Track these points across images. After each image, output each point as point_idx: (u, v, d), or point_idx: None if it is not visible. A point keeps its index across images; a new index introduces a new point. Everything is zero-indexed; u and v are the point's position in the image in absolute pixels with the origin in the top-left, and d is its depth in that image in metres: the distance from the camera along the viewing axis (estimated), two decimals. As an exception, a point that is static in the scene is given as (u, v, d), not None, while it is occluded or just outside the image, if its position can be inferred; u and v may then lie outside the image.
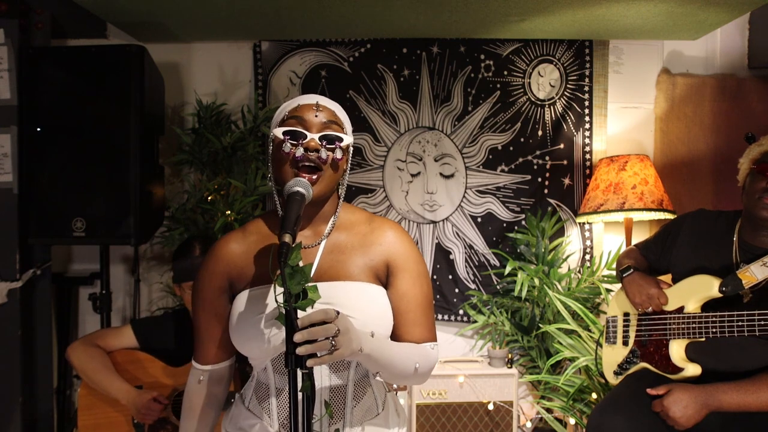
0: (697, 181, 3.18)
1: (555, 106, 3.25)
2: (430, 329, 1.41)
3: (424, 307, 1.40)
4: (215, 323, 1.40)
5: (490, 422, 2.89)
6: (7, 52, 2.60)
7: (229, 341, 1.39)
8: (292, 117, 1.33)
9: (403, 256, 1.39)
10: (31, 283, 2.73)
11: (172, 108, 3.26)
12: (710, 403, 1.70)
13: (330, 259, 1.36)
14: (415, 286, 1.39)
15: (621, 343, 2.09)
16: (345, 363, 1.35)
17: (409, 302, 1.38)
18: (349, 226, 1.41)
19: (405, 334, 1.38)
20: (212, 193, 2.93)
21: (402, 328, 1.38)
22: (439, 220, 3.28)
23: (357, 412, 1.38)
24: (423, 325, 1.40)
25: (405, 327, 1.38)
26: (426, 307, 1.41)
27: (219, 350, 1.43)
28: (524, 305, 3.12)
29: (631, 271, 2.05)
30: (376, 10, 2.79)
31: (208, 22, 2.97)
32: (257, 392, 1.42)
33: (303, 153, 1.29)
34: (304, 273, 1.23)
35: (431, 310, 1.43)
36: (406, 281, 1.38)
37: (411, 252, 1.41)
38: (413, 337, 1.38)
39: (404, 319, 1.38)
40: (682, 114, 3.22)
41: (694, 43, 3.27)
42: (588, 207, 2.96)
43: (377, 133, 3.28)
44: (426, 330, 1.40)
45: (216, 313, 1.40)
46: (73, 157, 2.56)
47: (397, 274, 1.38)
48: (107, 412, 2.24)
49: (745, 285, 1.75)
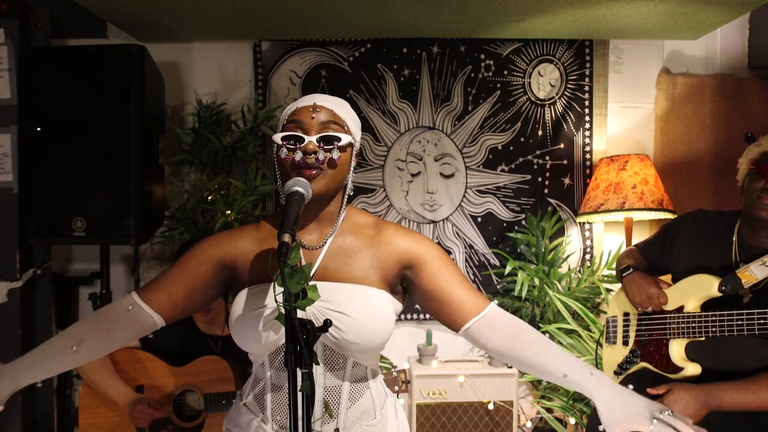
0: (697, 181, 3.18)
1: (555, 105, 3.25)
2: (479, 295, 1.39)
3: (461, 278, 1.39)
4: (183, 283, 1.37)
5: (490, 422, 2.89)
6: (7, 52, 2.60)
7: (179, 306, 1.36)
8: (291, 121, 1.33)
9: (418, 247, 1.38)
10: (31, 283, 2.73)
11: (172, 108, 3.26)
12: (710, 403, 1.70)
13: (335, 261, 1.35)
14: (442, 265, 1.38)
15: (621, 342, 2.09)
16: (340, 363, 1.35)
17: (444, 278, 1.36)
18: (356, 230, 1.40)
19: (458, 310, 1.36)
20: (212, 192, 2.93)
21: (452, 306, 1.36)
22: (439, 219, 3.28)
23: (352, 414, 1.37)
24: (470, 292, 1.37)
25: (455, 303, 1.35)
26: (463, 277, 1.40)
27: (166, 303, 1.36)
28: (524, 305, 3.12)
29: (630, 271, 2.04)
30: (376, 10, 2.79)
31: (208, 22, 2.97)
32: (254, 388, 1.41)
33: (302, 157, 1.29)
34: (303, 273, 1.23)
35: (468, 281, 1.41)
36: (433, 264, 1.37)
37: (423, 241, 1.40)
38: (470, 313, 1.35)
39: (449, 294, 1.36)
40: (682, 114, 3.22)
41: (694, 43, 3.27)
42: (588, 207, 2.96)
43: (377, 133, 3.28)
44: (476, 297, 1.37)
45: (193, 278, 1.37)
46: (73, 157, 2.56)
47: (421, 265, 1.37)
48: (108, 411, 2.24)
49: (745, 284, 1.75)
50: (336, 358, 1.35)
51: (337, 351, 1.33)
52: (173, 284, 1.38)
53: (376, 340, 1.33)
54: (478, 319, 1.35)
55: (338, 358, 1.35)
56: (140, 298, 1.37)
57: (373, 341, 1.32)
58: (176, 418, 2.25)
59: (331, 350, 1.34)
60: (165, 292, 1.38)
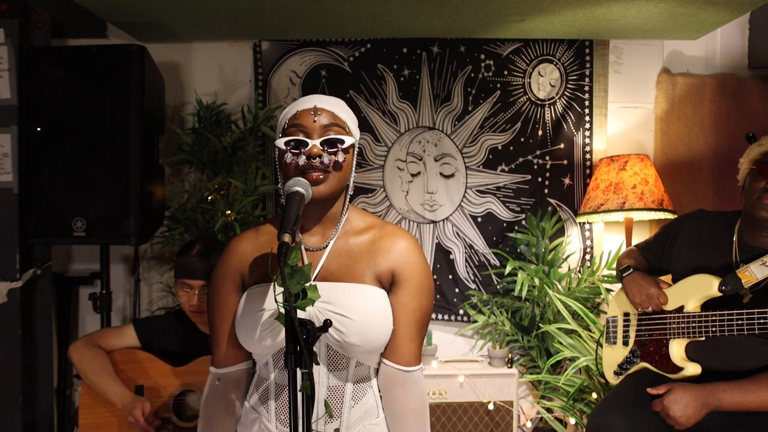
0: (697, 181, 3.18)
1: (555, 105, 3.25)
2: (419, 351, 1.39)
3: (420, 324, 1.38)
4: (231, 320, 1.39)
5: (490, 422, 2.89)
6: (7, 52, 2.60)
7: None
8: (292, 125, 1.33)
9: (410, 266, 1.37)
10: (31, 283, 2.73)
11: (172, 108, 3.26)
12: (710, 403, 1.70)
13: (337, 263, 1.36)
14: (416, 299, 1.36)
15: (621, 342, 2.09)
16: (343, 363, 1.35)
17: (406, 315, 1.36)
18: (359, 231, 1.40)
19: (393, 347, 1.36)
20: (212, 193, 2.93)
21: (393, 341, 1.36)
22: (439, 219, 3.28)
23: (355, 413, 1.38)
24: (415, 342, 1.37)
25: (396, 340, 1.35)
26: (422, 324, 1.38)
27: (235, 350, 1.40)
28: (524, 305, 3.12)
29: (630, 271, 2.05)
30: (376, 10, 2.79)
31: (208, 22, 2.97)
32: (258, 388, 1.42)
33: (306, 161, 1.29)
34: (303, 273, 1.23)
35: (425, 330, 1.40)
36: (409, 293, 1.36)
37: (419, 264, 1.38)
38: (399, 358, 1.35)
39: (398, 330, 1.35)
40: (682, 114, 3.22)
41: (694, 43, 3.27)
42: (588, 207, 2.96)
43: (377, 133, 3.28)
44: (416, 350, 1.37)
45: (231, 311, 1.39)
46: (73, 157, 2.56)
47: (401, 284, 1.36)
48: (108, 411, 2.24)
49: (745, 284, 1.75)
50: (339, 358, 1.35)
51: (339, 352, 1.34)
52: (223, 330, 1.41)
53: (378, 341, 1.33)
54: (398, 369, 1.36)
55: (341, 359, 1.35)
56: (216, 368, 1.42)
57: (374, 342, 1.33)
58: (176, 418, 2.25)
59: (334, 351, 1.34)
60: (224, 342, 1.40)
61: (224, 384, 1.41)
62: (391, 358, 1.36)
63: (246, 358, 1.43)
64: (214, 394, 1.42)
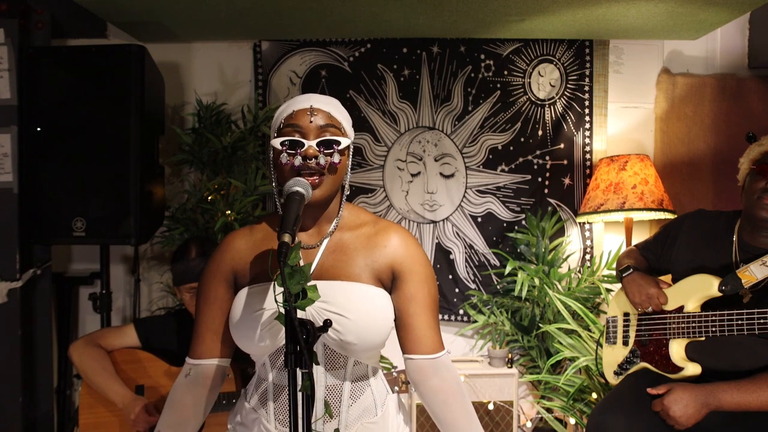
0: (697, 181, 3.18)
1: (555, 105, 3.25)
2: (440, 337, 1.40)
3: (433, 311, 1.39)
4: (217, 314, 1.39)
5: (490, 422, 2.89)
6: (7, 52, 2.60)
7: (226, 338, 1.38)
8: (288, 125, 1.32)
9: (410, 259, 1.38)
10: (31, 283, 2.73)
11: (172, 108, 3.26)
12: (710, 403, 1.70)
13: (332, 259, 1.36)
14: (423, 288, 1.38)
15: (621, 343, 2.09)
16: (341, 362, 1.35)
17: (417, 305, 1.37)
18: (353, 227, 1.40)
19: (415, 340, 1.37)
20: (212, 193, 2.93)
21: (411, 333, 1.37)
22: (439, 219, 3.28)
23: (353, 412, 1.38)
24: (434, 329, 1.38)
25: (415, 332, 1.36)
26: (435, 310, 1.40)
27: (214, 344, 1.39)
28: (524, 305, 3.12)
29: (630, 271, 2.05)
30: (376, 10, 2.79)
31: (208, 22, 2.97)
32: (257, 387, 1.42)
33: (302, 162, 1.29)
34: (303, 273, 1.23)
35: (438, 315, 1.42)
36: (414, 284, 1.37)
37: (417, 255, 1.39)
38: (424, 348, 1.36)
39: (414, 322, 1.36)
40: (682, 114, 3.22)
41: (694, 43, 3.27)
42: (588, 207, 2.96)
43: (377, 133, 3.28)
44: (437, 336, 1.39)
45: (219, 306, 1.39)
46: (73, 157, 2.56)
47: (404, 278, 1.37)
48: (108, 411, 2.24)
49: (745, 284, 1.75)
50: (337, 357, 1.35)
51: (337, 351, 1.34)
52: (206, 322, 1.40)
53: (376, 340, 1.33)
54: (426, 359, 1.37)
55: (339, 358, 1.35)
56: (191, 359, 1.41)
57: (372, 341, 1.32)
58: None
59: (332, 350, 1.34)
60: (206, 334, 1.40)
61: (194, 376, 1.40)
62: (417, 350, 1.37)
63: (221, 355, 1.41)
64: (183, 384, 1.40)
